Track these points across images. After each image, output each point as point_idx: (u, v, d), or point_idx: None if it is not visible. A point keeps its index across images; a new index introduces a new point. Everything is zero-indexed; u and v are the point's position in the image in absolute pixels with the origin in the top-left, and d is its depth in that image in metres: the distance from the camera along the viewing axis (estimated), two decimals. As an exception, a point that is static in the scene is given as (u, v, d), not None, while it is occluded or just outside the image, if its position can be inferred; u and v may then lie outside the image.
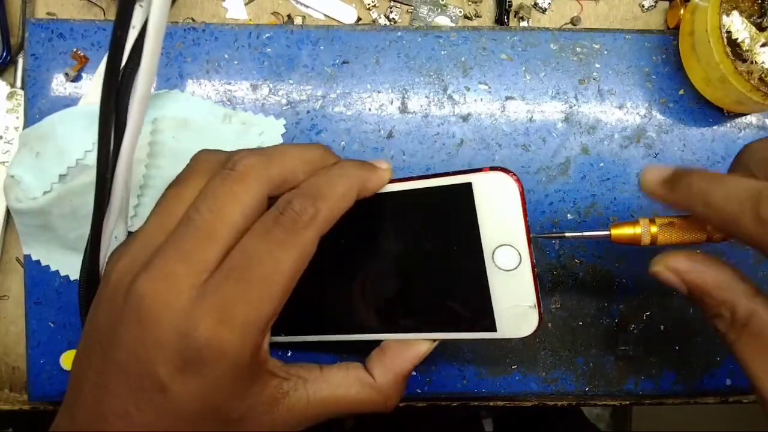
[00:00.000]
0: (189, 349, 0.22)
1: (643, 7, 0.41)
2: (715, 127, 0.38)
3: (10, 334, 0.39)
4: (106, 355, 0.23)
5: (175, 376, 0.22)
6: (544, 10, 0.40)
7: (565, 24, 0.41)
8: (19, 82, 0.38)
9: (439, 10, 0.40)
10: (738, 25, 0.34)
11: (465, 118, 0.37)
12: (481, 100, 0.38)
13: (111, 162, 0.24)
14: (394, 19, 0.40)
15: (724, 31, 0.33)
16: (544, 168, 0.38)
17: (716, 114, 0.38)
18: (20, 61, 0.38)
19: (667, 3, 0.40)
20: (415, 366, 0.29)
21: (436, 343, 0.29)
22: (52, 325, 0.37)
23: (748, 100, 0.34)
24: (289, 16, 0.40)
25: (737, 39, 0.34)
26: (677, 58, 0.38)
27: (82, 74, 0.37)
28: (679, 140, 0.38)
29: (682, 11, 0.37)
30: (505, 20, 0.40)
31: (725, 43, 0.33)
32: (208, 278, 0.23)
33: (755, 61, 0.34)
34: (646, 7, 0.41)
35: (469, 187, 0.26)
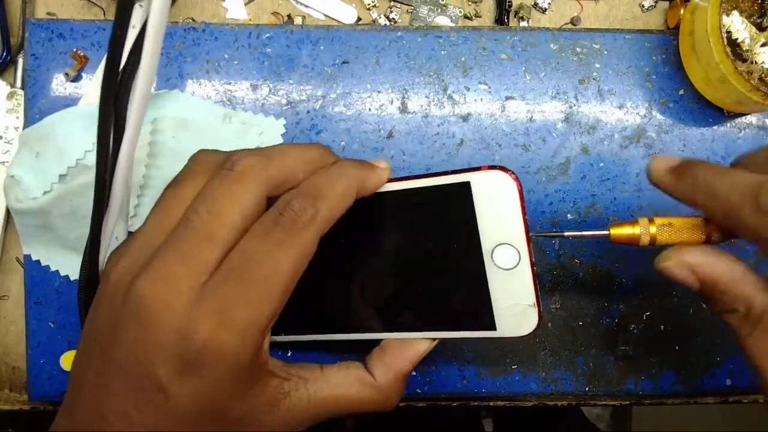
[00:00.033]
0: (188, 351, 0.22)
1: (643, 7, 0.41)
2: (715, 127, 0.38)
3: (10, 334, 0.39)
4: (105, 355, 0.23)
5: (175, 377, 0.22)
6: (544, 10, 0.40)
7: (565, 24, 0.41)
8: (19, 82, 0.38)
9: (439, 10, 0.40)
10: (738, 25, 0.34)
11: (465, 118, 0.37)
12: (481, 100, 0.38)
13: (110, 162, 0.24)
14: (394, 19, 0.40)
15: (724, 31, 0.33)
16: (544, 168, 0.37)
17: (716, 114, 0.38)
18: (20, 61, 0.38)
19: (667, 3, 0.40)
20: (415, 365, 0.29)
21: (436, 342, 0.29)
22: (52, 325, 0.37)
23: (748, 100, 0.34)
24: (289, 16, 0.40)
25: (737, 39, 0.34)
26: (677, 58, 0.38)
27: (82, 74, 0.37)
28: (679, 140, 0.38)
29: (682, 11, 0.37)
30: (505, 20, 0.40)
31: (725, 43, 0.33)
32: (207, 279, 0.23)
33: (755, 61, 0.34)
34: (646, 7, 0.41)
35: (467, 185, 0.26)
